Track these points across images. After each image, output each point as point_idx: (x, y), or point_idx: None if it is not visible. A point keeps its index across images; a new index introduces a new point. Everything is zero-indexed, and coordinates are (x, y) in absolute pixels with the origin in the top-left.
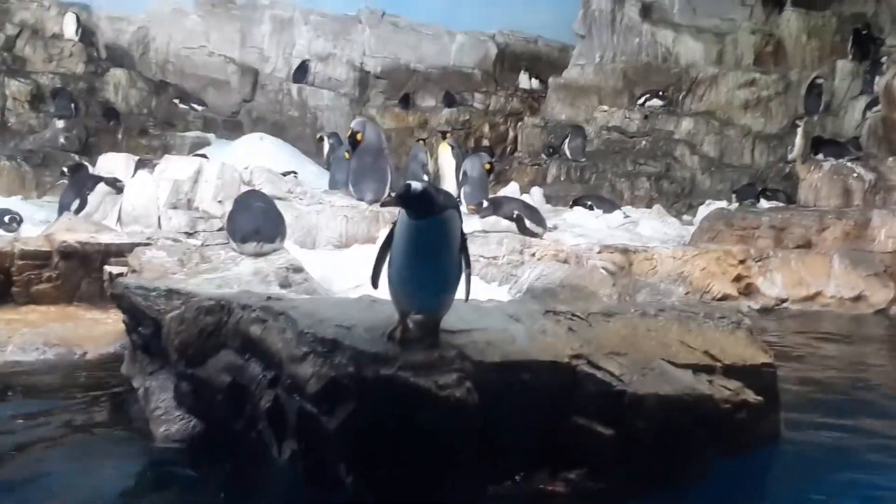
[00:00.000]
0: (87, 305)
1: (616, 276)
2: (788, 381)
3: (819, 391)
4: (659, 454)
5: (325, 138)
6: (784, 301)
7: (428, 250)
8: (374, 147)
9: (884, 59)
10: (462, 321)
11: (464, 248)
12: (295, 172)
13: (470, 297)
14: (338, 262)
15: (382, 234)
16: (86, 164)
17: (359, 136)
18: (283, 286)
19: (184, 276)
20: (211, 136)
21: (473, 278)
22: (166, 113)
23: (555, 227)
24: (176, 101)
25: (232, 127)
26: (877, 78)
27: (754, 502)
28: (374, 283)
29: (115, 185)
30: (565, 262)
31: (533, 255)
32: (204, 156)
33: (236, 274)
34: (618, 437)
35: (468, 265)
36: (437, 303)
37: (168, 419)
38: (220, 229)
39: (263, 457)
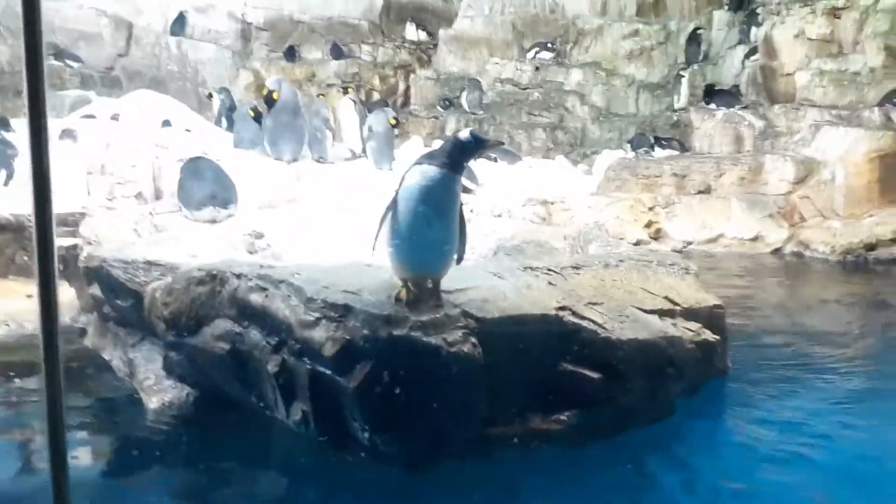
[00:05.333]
0: (23, 279)
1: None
2: None
3: (748, 324)
4: (638, 393)
5: (215, 94)
6: (690, 244)
7: (449, 206)
8: (290, 106)
9: (759, 10)
10: (452, 280)
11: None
12: (188, 130)
13: None
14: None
15: (304, 194)
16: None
17: (275, 95)
18: (249, 252)
19: (145, 246)
20: (91, 93)
21: None
22: None
23: None
24: (49, 56)
25: (110, 83)
26: (753, 28)
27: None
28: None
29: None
30: (499, 216)
31: (472, 210)
32: (92, 116)
33: (200, 242)
34: (603, 380)
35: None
36: (445, 262)
37: (160, 388)
38: (139, 194)
39: (265, 419)
